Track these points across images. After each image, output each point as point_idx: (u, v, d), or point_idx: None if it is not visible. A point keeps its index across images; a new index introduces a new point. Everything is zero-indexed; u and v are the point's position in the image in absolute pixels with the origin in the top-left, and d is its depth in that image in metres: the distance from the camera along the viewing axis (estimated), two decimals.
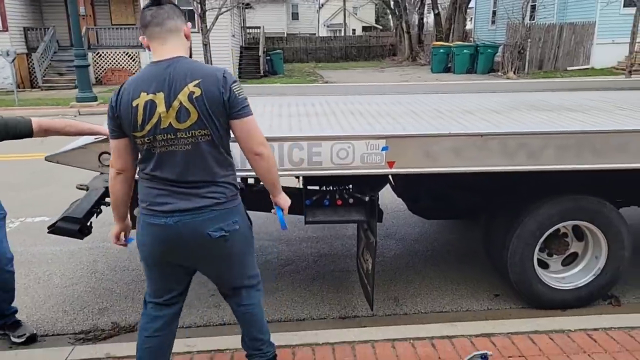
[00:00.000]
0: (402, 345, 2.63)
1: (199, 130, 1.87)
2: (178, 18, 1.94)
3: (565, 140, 2.66)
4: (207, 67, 1.94)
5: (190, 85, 1.83)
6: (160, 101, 1.84)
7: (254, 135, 1.94)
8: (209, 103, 1.85)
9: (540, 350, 2.56)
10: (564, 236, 3.19)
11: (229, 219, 1.98)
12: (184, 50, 1.96)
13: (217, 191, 1.95)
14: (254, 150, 1.95)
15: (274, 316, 3.17)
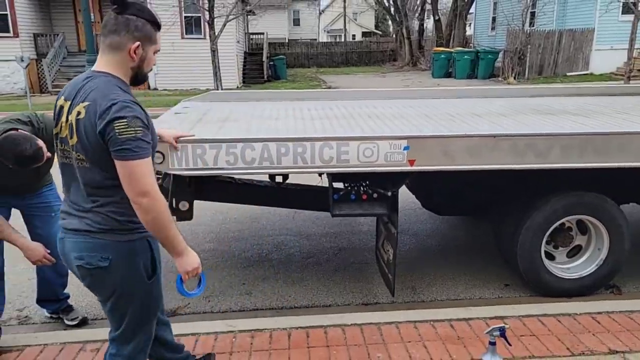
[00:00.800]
0: (424, 326, 2.91)
1: (78, 154, 1.76)
2: (127, 34, 1.75)
3: (570, 141, 2.95)
4: (104, 91, 1.71)
5: (81, 105, 1.72)
6: (65, 110, 1.78)
7: (133, 183, 1.69)
8: (86, 130, 1.70)
9: (550, 331, 2.84)
10: (568, 230, 3.46)
11: (96, 251, 1.79)
12: (119, 67, 1.79)
13: (93, 219, 1.79)
14: (132, 199, 1.71)
15: (302, 302, 3.45)
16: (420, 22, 30.76)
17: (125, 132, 1.66)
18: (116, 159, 1.69)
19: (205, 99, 5.10)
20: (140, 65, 1.83)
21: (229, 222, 4.95)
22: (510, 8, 20.34)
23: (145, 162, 1.71)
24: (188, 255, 1.87)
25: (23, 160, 2.44)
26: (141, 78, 1.89)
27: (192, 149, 2.89)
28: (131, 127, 1.67)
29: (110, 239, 1.80)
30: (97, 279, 1.84)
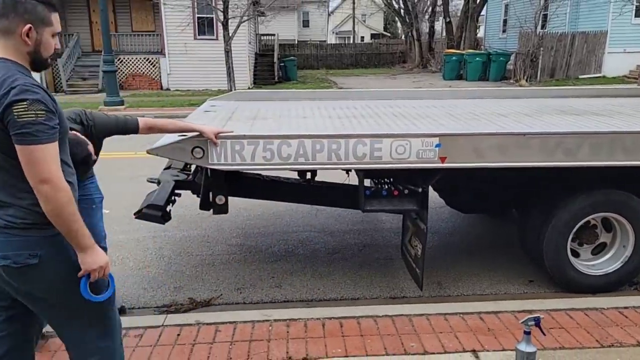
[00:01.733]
0: (454, 318, 2.99)
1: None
2: (15, 17, 1.65)
3: (600, 140, 3.02)
4: (3, 76, 1.62)
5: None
6: None
7: (33, 169, 1.60)
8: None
9: (578, 324, 2.91)
10: (593, 227, 3.53)
11: (22, 249, 1.68)
12: (14, 52, 1.68)
13: (13, 215, 1.68)
14: (33, 186, 1.62)
15: (331, 295, 3.54)
16: (430, 24, 30.79)
17: (24, 115, 1.58)
18: (16, 143, 1.60)
19: (230, 98, 5.21)
20: (37, 49, 1.71)
21: (254, 218, 5.05)
22: (522, 10, 20.36)
23: (47, 147, 1.61)
24: (94, 253, 1.73)
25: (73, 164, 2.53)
26: (40, 64, 1.76)
27: (231, 145, 2.99)
28: (31, 111, 1.58)
29: (36, 234, 1.69)
30: (25, 279, 1.70)
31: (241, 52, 18.24)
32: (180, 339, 2.80)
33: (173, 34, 17.97)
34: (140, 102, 14.69)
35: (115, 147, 4.43)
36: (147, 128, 2.90)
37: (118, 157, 7.07)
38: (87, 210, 3.04)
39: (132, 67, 18.90)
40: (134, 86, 18.66)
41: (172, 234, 4.61)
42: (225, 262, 4.08)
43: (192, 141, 2.96)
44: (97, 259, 1.74)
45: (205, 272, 3.89)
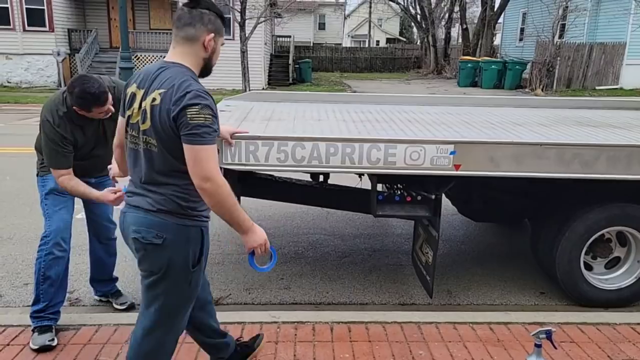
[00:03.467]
0: (463, 327, 2.96)
1: (149, 138, 1.84)
2: (201, 27, 1.86)
3: (617, 152, 2.98)
4: (180, 79, 1.81)
5: (156, 92, 1.81)
6: (138, 98, 1.87)
7: (198, 166, 1.77)
8: (160, 115, 1.79)
9: (590, 338, 2.87)
10: (608, 241, 3.49)
11: (153, 228, 1.87)
12: (191, 59, 1.90)
13: (156, 200, 1.88)
14: (197, 183, 1.79)
15: (340, 299, 3.53)
16: (446, 30, 30.69)
17: (195, 118, 1.75)
18: (185, 142, 1.77)
19: (245, 98, 5.23)
20: (211, 56, 1.94)
21: (265, 219, 5.06)
22: (540, 19, 20.22)
23: (210, 147, 1.78)
24: (255, 232, 1.94)
25: (86, 96, 2.53)
26: (209, 69, 1.98)
27: (245, 145, 3.00)
28: (202, 114, 1.76)
29: (169, 220, 1.88)
30: (147, 254, 1.91)
31: (257, 52, 18.33)
32: (188, 337, 2.78)
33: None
34: None
35: None
36: None
37: None
38: (102, 206, 3.08)
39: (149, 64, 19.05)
40: None
41: None
42: (235, 262, 4.09)
43: None
44: (258, 238, 1.94)
45: (214, 271, 3.90)
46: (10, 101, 13.89)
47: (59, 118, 2.66)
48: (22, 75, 18.07)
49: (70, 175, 2.76)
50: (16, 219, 4.92)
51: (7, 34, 17.60)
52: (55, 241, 2.78)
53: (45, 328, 2.78)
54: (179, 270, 1.92)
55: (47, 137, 2.68)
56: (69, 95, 2.59)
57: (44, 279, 2.79)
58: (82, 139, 2.78)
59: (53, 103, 2.70)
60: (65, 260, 2.85)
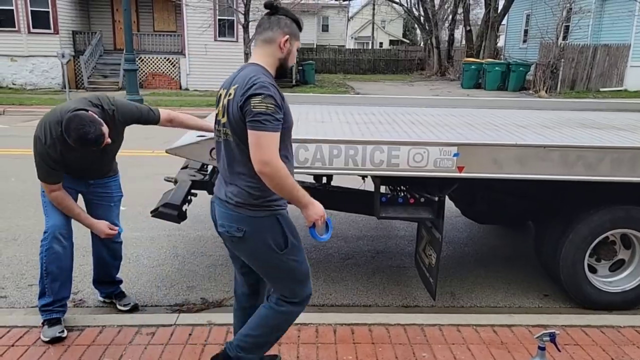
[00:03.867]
0: (467, 330, 2.96)
1: (227, 129, 2.04)
2: (278, 30, 2.05)
3: (621, 155, 2.97)
4: (251, 75, 1.98)
5: (232, 88, 2.01)
6: (222, 97, 2.08)
7: (258, 151, 1.92)
8: (233, 108, 1.97)
9: (594, 341, 2.86)
10: (612, 243, 3.47)
11: (233, 222, 2.06)
12: (268, 59, 2.07)
13: (232, 192, 2.05)
14: (257, 167, 1.93)
15: (343, 301, 3.53)
16: (450, 32, 30.65)
17: (258, 106, 1.91)
18: (248, 128, 1.94)
19: None
20: (287, 57, 2.11)
21: None
22: (543, 21, 20.18)
23: (271, 134, 1.93)
24: (314, 206, 2.08)
25: (84, 142, 2.55)
26: (285, 70, 2.14)
27: None
28: (264, 103, 1.91)
29: (244, 213, 2.04)
30: (235, 245, 2.13)
31: None
32: (191, 338, 2.81)
33: (194, 35, 18.16)
34: (159, 101, 14.86)
35: (134, 145, 4.49)
36: (168, 120, 2.95)
37: (136, 154, 7.15)
38: (106, 207, 3.10)
39: (153, 66, 19.13)
40: (154, 85, 18.88)
41: (187, 233, 4.65)
42: None
43: (210, 142, 2.98)
44: (318, 210, 2.09)
45: (218, 272, 3.91)
46: (15, 103, 13.95)
47: (51, 139, 2.66)
48: (27, 77, 18.15)
49: (64, 195, 2.81)
50: (21, 220, 4.95)
51: (12, 36, 17.69)
52: (53, 236, 2.82)
53: (54, 321, 2.84)
54: (268, 256, 2.10)
55: (38, 153, 2.71)
56: (65, 135, 2.58)
57: (46, 273, 2.84)
58: (77, 159, 2.78)
59: (50, 122, 2.67)
60: (66, 255, 2.88)
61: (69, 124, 2.55)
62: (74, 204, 2.88)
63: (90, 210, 3.08)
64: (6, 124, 11.24)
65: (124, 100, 2.92)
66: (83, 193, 3.05)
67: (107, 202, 3.10)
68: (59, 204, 2.82)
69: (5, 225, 4.83)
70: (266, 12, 2.11)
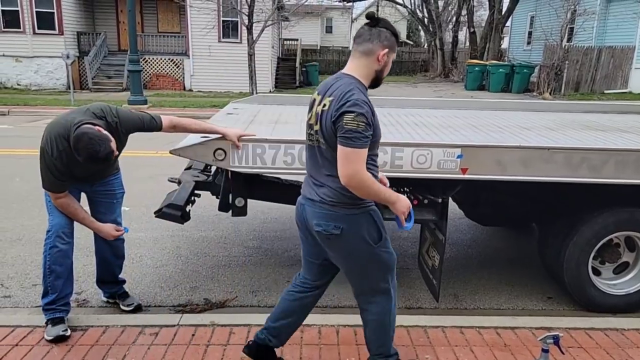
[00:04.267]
0: (470, 332, 2.95)
1: (320, 137, 2.14)
2: (377, 42, 2.10)
3: (625, 157, 2.96)
4: (347, 90, 2.06)
5: (327, 99, 2.10)
6: (316, 103, 2.18)
7: (344, 165, 2.03)
8: (327, 119, 2.07)
9: (597, 344, 2.85)
10: (616, 246, 3.46)
11: (330, 221, 2.16)
12: (364, 70, 2.14)
13: (326, 193, 2.17)
14: (344, 181, 2.06)
15: (345, 303, 3.52)
16: (454, 34, 30.63)
17: (349, 124, 2.00)
18: (338, 144, 2.04)
19: (252, 101, 5.25)
20: (383, 69, 2.17)
21: (271, 221, 5.06)
22: (548, 23, 20.14)
23: (358, 151, 2.03)
24: (401, 200, 2.21)
25: (94, 160, 2.58)
26: (379, 81, 2.21)
27: (253, 148, 3.01)
28: (355, 121, 2.00)
29: (341, 211, 2.16)
30: (332, 242, 2.21)
31: (264, 56, 18.39)
32: (194, 339, 2.82)
33: (198, 36, 18.21)
34: (163, 101, 14.91)
35: (138, 146, 4.50)
36: (170, 126, 2.95)
37: (140, 155, 7.18)
38: (108, 204, 3.12)
39: (157, 67, 19.20)
40: (158, 86, 18.94)
41: (190, 234, 4.66)
42: (241, 264, 4.10)
43: (214, 143, 2.99)
44: (405, 203, 2.22)
45: (221, 273, 3.91)
46: (19, 103, 14.02)
47: (57, 151, 2.68)
48: (32, 77, 18.24)
49: (69, 201, 2.85)
50: (25, 220, 4.97)
51: (18, 37, 17.78)
52: (57, 234, 2.85)
53: (57, 320, 2.85)
54: (363, 250, 2.22)
55: (45, 164, 2.74)
56: (75, 153, 2.59)
57: (50, 272, 2.86)
58: (82, 169, 2.80)
59: (56, 136, 2.68)
60: (69, 253, 2.91)
61: (77, 143, 2.56)
62: (79, 209, 2.91)
63: (93, 208, 3.11)
64: (11, 124, 11.29)
65: (126, 111, 2.92)
66: (86, 192, 3.07)
67: (110, 199, 3.12)
68: (64, 209, 2.86)
69: (9, 225, 4.86)
70: (366, 22, 2.18)
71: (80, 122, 2.64)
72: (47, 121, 2.86)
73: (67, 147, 2.66)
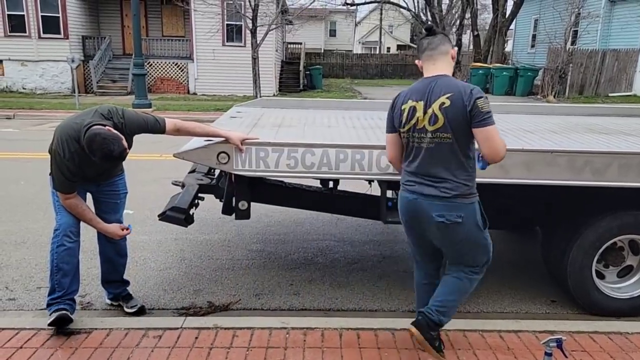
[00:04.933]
0: (473, 335, 2.95)
1: (442, 134, 2.37)
2: (448, 44, 2.47)
3: (629, 160, 2.96)
4: (460, 83, 2.39)
5: (443, 97, 2.35)
6: (420, 107, 2.40)
7: (491, 142, 2.35)
8: (456, 112, 2.33)
9: (601, 348, 2.84)
10: (620, 249, 3.45)
11: (452, 211, 2.43)
12: (449, 69, 2.47)
13: (446, 187, 2.42)
14: (492, 154, 2.38)
15: (349, 305, 3.53)
16: (457, 37, 30.59)
17: (485, 107, 2.31)
18: (479, 126, 2.32)
19: (256, 104, 5.27)
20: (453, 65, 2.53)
21: (274, 225, 5.07)
22: (552, 26, 20.10)
23: (495, 127, 2.36)
24: None
25: (109, 159, 2.67)
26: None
27: (256, 152, 3.03)
28: (486, 103, 2.33)
29: (461, 201, 2.43)
30: (451, 230, 2.47)
31: (268, 59, 18.45)
32: (198, 342, 2.83)
33: (202, 40, 18.30)
34: (167, 105, 14.97)
35: (142, 149, 4.52)
36: (174, 130, 2.98)
37: (144, 158, 7.21)
38: (112, 204, 3.17)
39: (161, 71, 19.29)
40: (162, 90, 19.03)
41: (194, 237, 4.67)
42: (244, 268, 4.11)
43: (218, 146, 3.01)
44: None
45: (224, 276, 3.92)
46: (25, 107, 14.11)
47: (69, 153, 2.75)
48: (37, 81, 18.36)
49: (77, 201, 2.91)
50: (30, 223, 5.00)
51: (23, 41, 17.91)
52: (64, 233, 2.90)
53: (61, 309, 2.89)
54: (475, 234, 2.53)
55: (57, 165, 2.81)
56: (90, 153, 2.66)
57: (57, 270, 2.90)
58: (93, 169, 2.88)
59: (69, 136, 2.75)
60: (76, 251, 2.96)
61: (91, 144, 2.63)
62: (87, 210, 2.97)
63: (98, 207, 3.16)
64: (17, 128, 11.37)
65: (131, 112, 2.96)
66: (92, 192, 3.12)
67: (114, 199, 3.18)
68: (72, 210, 2.92)
69: (14, 228, 4.89)
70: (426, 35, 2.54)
71: (89, 124, 2.70)
72: (52, 125, 2.89)
73: (78, 148, 2.73)
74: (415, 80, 2.47)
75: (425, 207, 2.47)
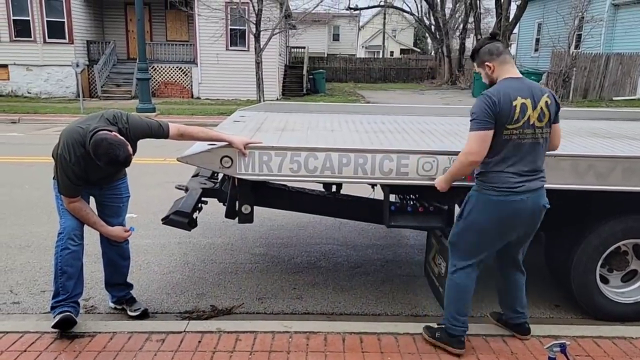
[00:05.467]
0: (477, 340, 2.94)
1: (546, 129, 2.60)
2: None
3: (633, 164, 2.95)
4: (537, 85, 2.68)
5: (545, 96, 2.58)
6: (529, 104, 2.54)
7: (559, 135, 2.73)
8: (552, 111, 2.59)
9: (605, 352, 2.83)
10: (624, 254, 3.43)
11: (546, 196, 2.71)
12: None
13: (543, 176, 2.68)
14: (557, 144, 2.75)
15: (352, 310, 3.53)
16: (461, 41, 30.64)
17: (559, 105, 2.64)
18: (556, 122, 2.67)
19: (259, 108, 5.29)
20: None
21: (277, 228, 5.08)
22: (555, 30, 20.11)
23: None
24: None
25: (114, 164, 2.70)
26: None
27: (259, 156, 3.04)
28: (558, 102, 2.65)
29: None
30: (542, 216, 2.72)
31: (271, 63, 18.51)
32: (201, 345, 2.83)
33: (206, 45, 18.37)
34: (171, 109, 15.02)
35: (146, 153, 4.54)
36: (178, 134, 2.99)
37: (148, 162, 7.23)
38: (115, 208, 3.19)
39: (165, 75, 19.37)
40: (166, 94, 19.10)
41: (197, 240, 4.68)
42: (247, 271, 4.11)
43: (221, 151, 3.02)
44: None
45: (228, 280, 3.93)
46: (29, 111, 14.19)
47: (75, 157, 2.78)
48: (42, 86, 18.46)
49: (82, 205, 2.94)
50: (34, 227, 5.02)
51: (28, 45, 18.02)
52: (68, 236, 2.93)
53: (65, 312, 2.91)
54: None
55: (62, 169, 2.83)
56: (96, 158, 2.69)
57: (61, 273, 2.92)
58: (97, 172, 2.90)
59: (75, 140, 2.77)
60: (80, 254, 2.98)
61: (97, 149, 2.66)
62: (91, 213, 3.00)
63: (101, 211, 3.18)
64: (21, 132, 11.42)
65: (135, 117, 2.98)
66: (95, 196, 3.14)
67: (117, 203, 3.20)
68: (76, 213, 2.95)
69: (19, 232, 4.91)
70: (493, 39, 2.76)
71: (95, 129, 2.73)
72: (56, 129, 2.92)
73: (83, 152, 2.76)
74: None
75: (537, 201, 2.64)
